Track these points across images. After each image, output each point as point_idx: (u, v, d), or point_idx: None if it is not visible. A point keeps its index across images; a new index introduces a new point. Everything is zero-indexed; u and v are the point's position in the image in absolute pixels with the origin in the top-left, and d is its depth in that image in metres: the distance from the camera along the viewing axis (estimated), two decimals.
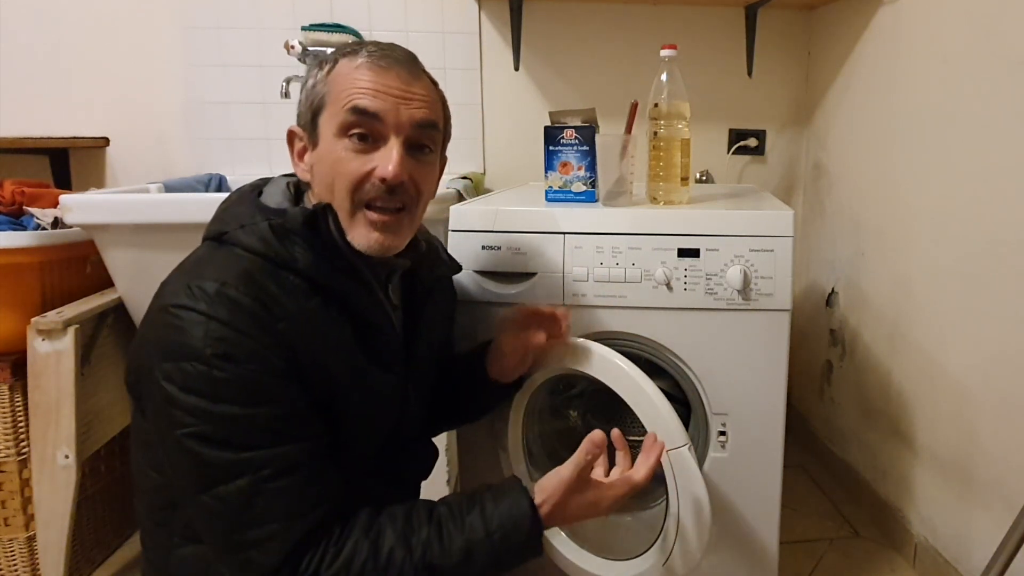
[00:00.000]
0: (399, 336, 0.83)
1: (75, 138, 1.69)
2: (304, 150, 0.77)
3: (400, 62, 0.74)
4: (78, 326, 1.16)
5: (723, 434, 1.09)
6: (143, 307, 1.31)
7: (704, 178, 1.88)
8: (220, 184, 1.66)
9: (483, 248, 1.10)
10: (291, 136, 0.79)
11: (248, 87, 1.75)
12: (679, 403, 1.06)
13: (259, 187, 0.81)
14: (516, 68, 1.81)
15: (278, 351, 0.66)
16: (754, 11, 1.80)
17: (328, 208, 0.73)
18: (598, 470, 0.83)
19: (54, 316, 1.15)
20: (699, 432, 1.12)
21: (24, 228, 1.25)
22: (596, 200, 1.17)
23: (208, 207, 1.18)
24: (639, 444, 1.32)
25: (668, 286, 1.06)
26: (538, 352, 0.95)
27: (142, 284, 1.22)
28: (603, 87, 1.83)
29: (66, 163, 1.72)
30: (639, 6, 1.80)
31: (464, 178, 1.61)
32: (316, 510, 0.67)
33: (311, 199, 0.78)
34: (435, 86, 0.79)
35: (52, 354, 1.14)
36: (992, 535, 1.08)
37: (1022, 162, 1.09)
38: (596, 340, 1.06)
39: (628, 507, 1.20)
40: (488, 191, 1.77)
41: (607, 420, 1.16)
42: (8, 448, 1.21)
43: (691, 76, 1.15)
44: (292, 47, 1.62)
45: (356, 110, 0.71)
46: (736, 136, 1.90)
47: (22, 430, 1.21)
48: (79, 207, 1.15)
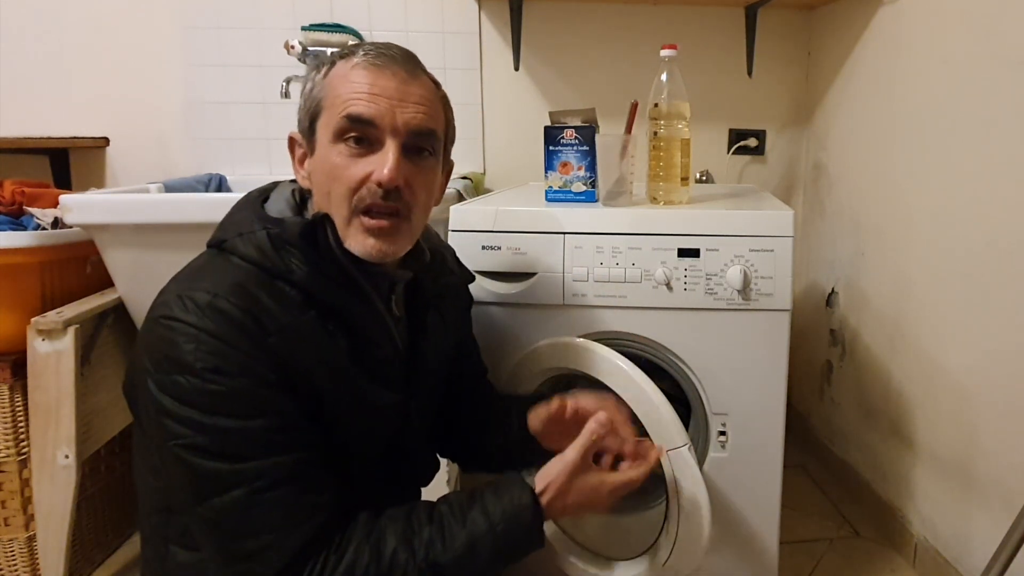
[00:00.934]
0: (400, 350, 0.81)
1: (75, 138, 1.68)
2: (304, 156, 0.76)
3: (396, 61, 0.72)
4: (78, 326, 1.16)
5: (723, 434, 1.09)
6: (143, 307, 1.30)
7: (704, 178, 1.88)
8: (220, 184, 1.66)
9: (483, 248, 1.10)
10: (292, 142, 0.77)
11: (248, 87, 1.75)
12: (679, 403, 1.06)
13: (266, 192, 0.79)
14: (516, 68, 1.81)
15: (269, 364, 0.66)
16: (754, 11, 1.80)
17: (327, 219, 0.72)
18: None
19: (54, 316, 1.15)
20: (699, 432, 1.12)
21: (24, 228, 1.25)
22: (596, 200, 1.17)
23: (208, 207, 1.19)
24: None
25: (668, 286, 1.06)
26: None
27: (142, 284, 1.23)
28: (603, 87, 1.83)
29: (66, 163, 1.72)
30: (639, 6, 1.80)
31: (464, 178, 1.61)
32: (313, 519, 0.66)
33: (314, 207, 0.77)
34: (436, 87, 0.77)
35: (52, 354, 1.14)
36: (992, 535, 1.08)
37: (1022, 162, 1.09)
38: (596, 340, 1.07)
39: (628, 507, 1.20)
40: (488, 191, 1.77)
41: None
42: (8, 448, 1.21)
43: (691, 76, 1.15)
44: (292, 47, 1.63)
45: (350, 117, 0.69)
46: (736, 136, 1.90)
47: (22, 430, 1.21)
48: (79, 207, 1.15)
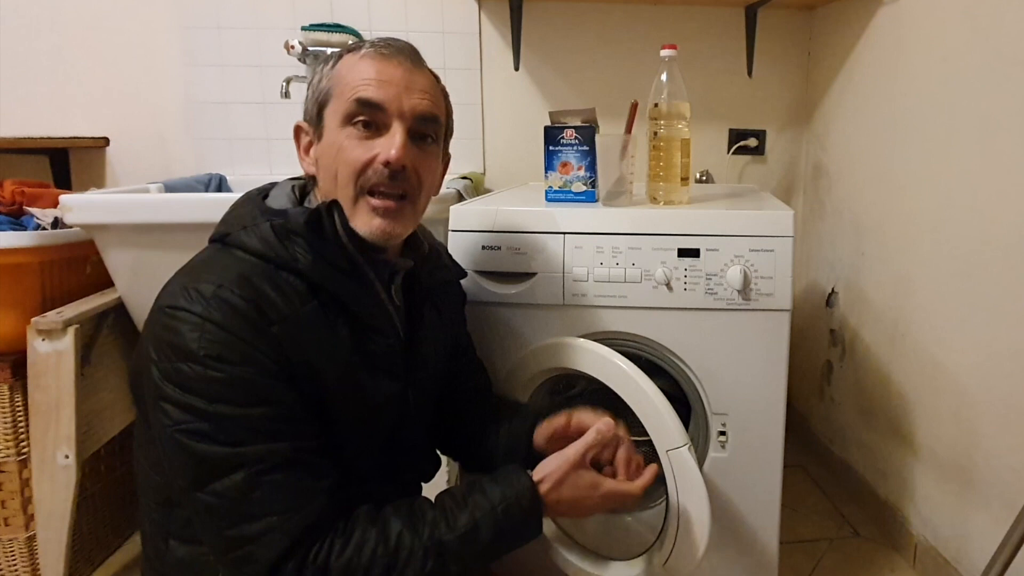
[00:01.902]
0: (401, 339, 0.83)
1: (75, 138, 1.68)
2: (310, 144, 0.79)
3: (403, 51, 0.76)
4: (78, 326, 1.16)
5: (723, 434, 1.09)
6: (143, 307, 1.30)
7: (704, 178, 1.88)
8: (220, 184, 1.66)
9: (483, 248, 1.10)
10: (297, 131, 0.80)
11: (248, 87, 1.75)
12: (679, 403, 1.06)
13: (266, 190, 0.81)
14: (516, 68, 1.81)
15: (271, 353, 0.67)
16: (754, 11, 1.80)
17: (334, 205, 0.74)
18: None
19: (54, 316, 1.15)
20: (699, 432, 1.12)
21: (24, 228, 1.25)
22: (596, 200, 1.17)
23: (208, 207, 1.19)
24: (640, 445, 1.32)
25: (668, 286, 1.06)
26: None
27: (142, 284, 1.23)
28: (603, 87, 1.83)
29: (66, 163, 1.72)
30: (639, 6, 1.80)
31: (464, 178, 1.61)
32: (314, 503, 0.67)
33: (315, 200, 0.79)
34: (436, 80, 0.81)
35: (52, 354, 1.14)
36: (992, 535, 1.08)
37: (1022, 162, 1.09)
38: (596, 340, 1.07)
39: (628, 507, 1.20)
40: (488, 191, 1.77)
41: None
42: (8, 448, 1.20)
43: (691, 76, 1.15)
44: (292, 47, 1.62)
45: (360, 101, 0.73)
46: (736, 136, 1.90)
47: (22, 430, 1.21)
48: (79, 207, 1.15)
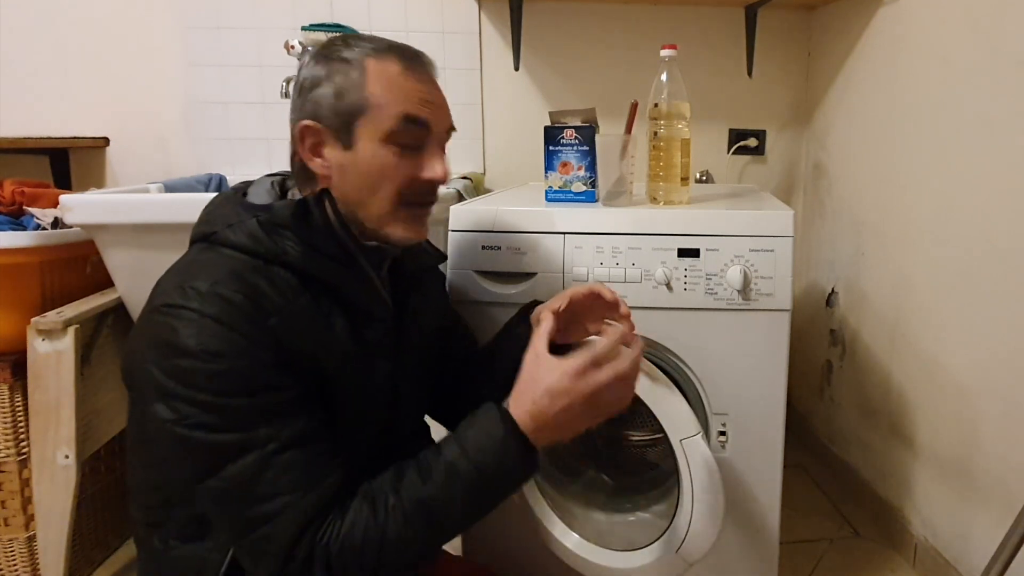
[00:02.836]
0: (392, 323, 0.84)
1: (75, 138, 1.68)
2: (320, 145, 0.75)
3: (430, 67, 0.79)
4: (78, 326, 1.16)
5: (723, 434, 1.09)
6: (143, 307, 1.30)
7: (704, 178, 1.88)
8: (220, 184, 1.66)
9: (483, 248, 1.10)
10: (306, 131, 0.75)
11: (248, 87, 1.75)
12: None
13: (242, 189, 0.81)
14: (516, 68, 1.81)
15: (269, 345, 0.67)
16: (754, 11, 1.80)
17: (324, 194, 0.75)
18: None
19: (54, 316, 1.15)
20: None
21: (24, 228, 1.25)
22: (596, 200, 1.17)
23: None
24: (640, 444, 1.32)
25: (668, 286, 1.06)
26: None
27: (142, 284, 1.21)
28: (603, 87, 1.83)
29: (66, 163, 1.72)
30: (639, 6, 1.80)
31: (464, 178, 1.61)
32: (327, 480, 0.67)
33: (297, 194, 0.79)
34: None
35: (52, 354, 1.14)
36: (992, 535, 1.08)
37: (1022, 162, 1.09)
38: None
39: (630, 504, 1.20)
40: (488, 191, 1.77)
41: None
42: (8, 448, 1.20)
43: (691, 76, 1.15)
44: (292, 47, 1.62)
45: (411, 119, 0.74)
46: (736, 136, 1.90)
47: (22, 430, 1.21)
48: (79, 207, 1.15)
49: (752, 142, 1.90)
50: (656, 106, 1.13)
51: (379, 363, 0.80)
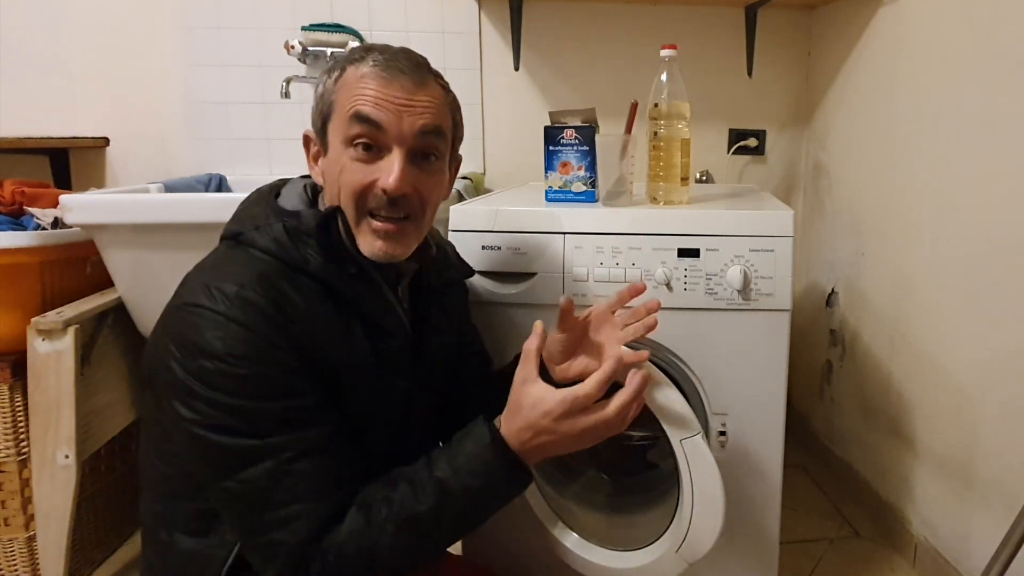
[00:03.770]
0: (409, 338, 0.83)
1: (75, 138, 1.68)
2: (318, 154, 0.78)
3: (404, 72, 0.73)
4: (78, 326, 1.16)
5: (723, 434, 1.09)
6: (143, 307, 1.31)
7: (704, 178, 1.88)
8: (220, 184, 1.66)
9: (483, 248, 1.10)
10: (306, 140, 0.80)
11: (248, 87, 1.75)
12: None
13: (277, 188, 0.82)
14: (516, 68, 1.81)
15: (292, 351, 0.68)
16: (754, 11, 1.80)
17: (339, 211, 0.75)
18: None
19: (54, 316, 1.15)
20: None
21: (24, 228, 1.25)
22: (596, 200, 1.17)
23: (208, 207, 1.19)
24: (641, 444, 1.32)
25: (668, 286, 1.06)
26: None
27: (142, 284, 1.23)
28: (603, 87, 1.83)
29: (66, 163, 1.72)
30: (639, 6, 1.80)
31: (464, 178, 1.61)
32: (340, 490, 0.69)
33: (326, 201, 0.79)
34: (445, 90, 0.79)
35: (52, 354, 1.14)
36: (992, 535, 1.08)
37: (1022, 162, 1.09)
38: None
39: (631, 503, 1.20)
40: (488, 191, 1.78)
41: None
42: (8, 448, 1.20)
43: (691, 76, 1.15)
44: (292, 47, 1.63)
45: (358, 116, 0.71)
46: (736, 136, 1.90)
47: (22, 430, 1.21)
48: (79, 207, 1.15)
49: (752, 142, 1.90)
50: (656, 106, 1.13)
51: (395, 379, 0.80)
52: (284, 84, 1.58)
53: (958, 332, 1.26)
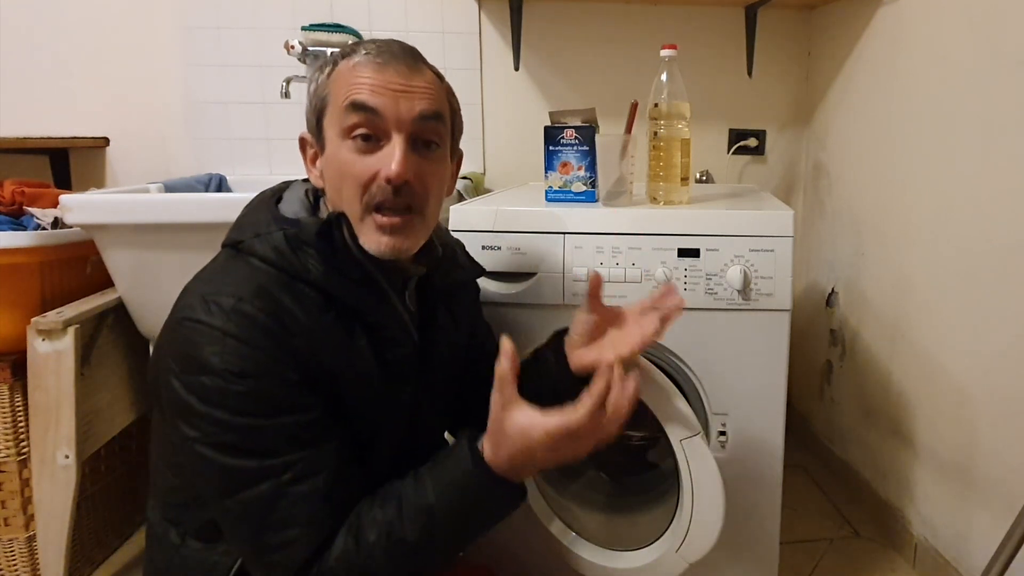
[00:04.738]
0: (416, 344, 0.81)
1: (75, 138, 1.68)
2: (315, 156, 0.77)
3: (398, 57, 0.72)
4: (78, 326, 1.16)
5: (723, 434, 1.09)
6: (143, 307, 1.30)
7: (704, 178, 1.88)
8: (220, 184, 1.66)
9: (483, 248, 1.10)
10: (303, 143, 0.78)
11: (248, 87, 1.75)
12: None
13: (279, 192, 0.80)
14: (516, 68, 1.81)
15: (292, 365, 0.67)
16: (754, 11, 1.80)
17: (342, 217, 0.72)
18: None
19: (54, 316, 1.15)
20: None
21: (24, 228, 1.25)
22: (596, 200, 1.17)
23: (208, 207, 1.19)
24: (641, 444, 1.32)
25: None
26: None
27: (142, 284, 1.23)
28: (603, 87, 1.83)
29: (66, 163, 1.72)
30: (639, 6, 1.80)
31: (464, 178, 1.61)
32: (339, 513, 0.68)
33: (327, 207, 0.77)
34: (439, 79, 0.78)
35: (52, 354, 1.14)
36: (992, 535, 1.08)
37: (1022, 162, 1.09)
38: None
39: (631, 503, 1.20)
40: (488, 191, 1.77)
41: None
42: (8, 448, 1.20)
43: (691, 76, 1.15)
44: (292, 47, 1.62)
45: (354, 105, 0.70)
46: (736, 136, 1.90)
47: (22, 430, 1.21)
48: (79, 207, 1.15)
49: (752, 142, 1.90)
50: (656, 106, 1.13)
51: (401, 386, 0.78)
52: (284, 84, 1.58)
53: (958, 332, 1.26)
